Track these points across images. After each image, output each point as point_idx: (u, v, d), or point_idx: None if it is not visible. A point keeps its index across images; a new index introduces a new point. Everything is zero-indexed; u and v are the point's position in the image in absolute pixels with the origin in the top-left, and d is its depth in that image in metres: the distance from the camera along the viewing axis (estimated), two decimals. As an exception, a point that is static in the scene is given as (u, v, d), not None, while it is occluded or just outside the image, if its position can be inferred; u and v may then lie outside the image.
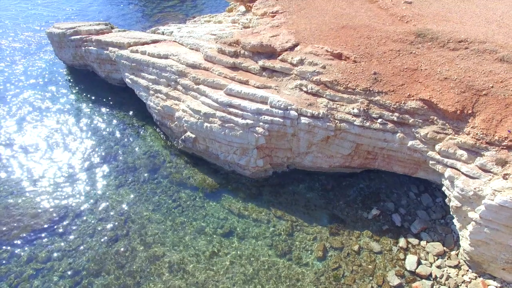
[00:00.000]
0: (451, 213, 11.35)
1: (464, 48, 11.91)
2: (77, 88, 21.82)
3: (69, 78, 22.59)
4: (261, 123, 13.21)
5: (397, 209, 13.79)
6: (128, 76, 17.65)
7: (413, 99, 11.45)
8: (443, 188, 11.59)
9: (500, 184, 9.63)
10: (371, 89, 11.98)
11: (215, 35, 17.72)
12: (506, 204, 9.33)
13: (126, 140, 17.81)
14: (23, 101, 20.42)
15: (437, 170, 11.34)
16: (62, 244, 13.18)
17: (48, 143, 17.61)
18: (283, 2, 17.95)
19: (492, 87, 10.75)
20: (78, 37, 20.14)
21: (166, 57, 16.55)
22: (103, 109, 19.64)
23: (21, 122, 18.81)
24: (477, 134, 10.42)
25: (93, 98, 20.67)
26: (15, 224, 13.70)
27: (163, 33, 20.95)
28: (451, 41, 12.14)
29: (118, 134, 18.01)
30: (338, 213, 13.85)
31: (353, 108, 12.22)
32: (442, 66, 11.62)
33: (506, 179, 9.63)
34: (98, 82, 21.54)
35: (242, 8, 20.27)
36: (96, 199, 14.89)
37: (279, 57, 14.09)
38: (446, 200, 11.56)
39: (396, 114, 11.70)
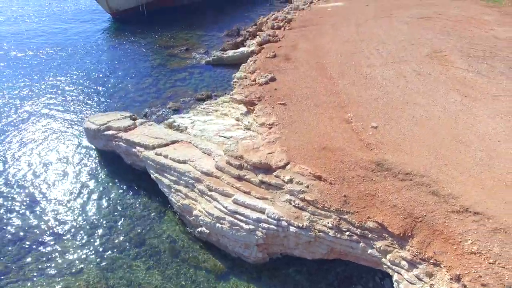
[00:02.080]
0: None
1: (409, 179, 16.54)
2: (105, 170, 26.35)
3: (98, 160, 27.14)
4: (260, 228, 17.80)
5: (365, 291, 18.25)
6: (153, 173, 22.30)
7: (371, 220, 16.05)
8: (394, 285, 16.15)
9: (428, 291, 14.11)
10: (341, 209, 16.60)
11: (223, 137, 22.40)
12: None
13: (151, 224, 22.28)
14: (51, 179, 24.74)
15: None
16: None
17: (75, 225, 21.93)
18: (278, 111, 22.64)
19: (425, 215, 15.39)
20: (110, 133, 24.82)
21: (184, 162, 21.20)
22: (129, 193, 24.03)
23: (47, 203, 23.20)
24: (414, 251, 15.01)
25: (120, 182, 25.13)
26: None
27: (179, 127, 25.57)
28: (400, 173, 16.79)
29: (144, 219, 22.45)
30: (320, 294, 18.31)
31: (328, 223, 16.82)
32: (392, 194, 16.26)
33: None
34: (124, 166, 26.10)
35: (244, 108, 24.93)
36: (128, 280, 19.21)
37: (274, 173, 18.74)
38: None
39: (359, 230, 16.29)
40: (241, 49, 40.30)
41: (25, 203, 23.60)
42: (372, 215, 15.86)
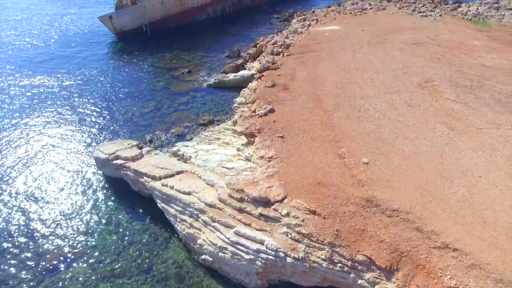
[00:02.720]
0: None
1: (396, 216, 18.18)
2: (114, 196, 27.92)
3: (107, 186, 28.76)
4: (259, 258, 19.41)
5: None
6: (160, 203, 23.95)
7: (361, 254, 17.67)
8: (382, 313, 17.72)
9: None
10: (333, 243, 18.21)
11: (225, 168, 24.08)
12: None
13: (157, 250, 23.83)
14: (61, 204, 26.39)
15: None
16: None
17: (84, 249, 23.48)
18: (277, 144, 24.28)
19: (409, 250, 17.02)
20: (118, 162, 26.46)
21: (189, 193, 22.83)
22: (137, 219, 25.42)
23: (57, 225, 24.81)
24: (399, 284, 16.61)
25: (127, 208, 26.59)
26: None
27: (183, 156, 27.24)
28: (388, 209, 18.43)
29: (151, 245, 23.96)
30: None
31: (321, 255, 18.43)
32: (380, 230, 17.90)
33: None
34: (131, 193, 27.68)
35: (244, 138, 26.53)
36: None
37: (273, 207, 20.38)
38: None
39: (350, 262, 17.88)
40: (242, 72, 42.02)
41: (35, 227, 25.19)
42: (362, 249, 17.48)
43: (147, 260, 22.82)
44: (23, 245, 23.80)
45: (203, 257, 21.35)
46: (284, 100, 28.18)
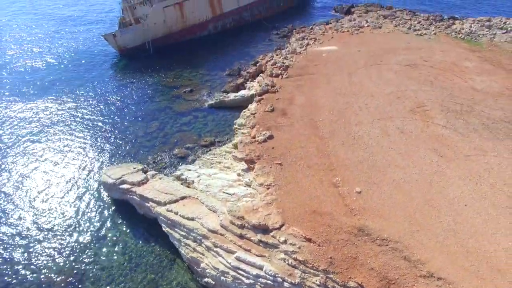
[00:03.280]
0: None
1: (385, 245, 19.63)
2: (120, 218, 29.40)
3: (114, 208, 30.24)
4: (259, 283, 20.85)
5: None
6: (165, 227, 25.41)
7: (352, 281, 19.12)
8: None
9: None
10: (327, 270, 19.64)
11: (226, 193, 25.58)
12: None
13: (162, 271, 25.25)
14: (69, 226, 27.83)
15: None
16: None
17: (92, 270, 24.87)
18: (275, 171, 25.70)
19: (397, 278, 18.46)
20: (124, 187, 27.94)
21: (192, 219, 24.29)
22: (142, 241, 26.83)
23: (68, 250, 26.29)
24: None
25: (133, 230, 28.01)
26: None
27: (186, 180, 28.74)
28: (378, 238, 19.88)
29: (156, 266, 25.34)
30: None
31: (316, 280, 19.87)
32: (371, 258, 19.34)
33: None
34: (137, 215, 29.15)
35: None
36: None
37: (271, 234, 21.82)
38: None
39: (342, 287, 19.39)
40: (242, 92, 43.61)
41: (43, 248, 26.72)
42: (353, 276, 18.94)
43: (152, 282, 24.31)
44: (31, 265, 25.22)
45: (205, 280, 22.78)
46: (282, 126, 29.65)
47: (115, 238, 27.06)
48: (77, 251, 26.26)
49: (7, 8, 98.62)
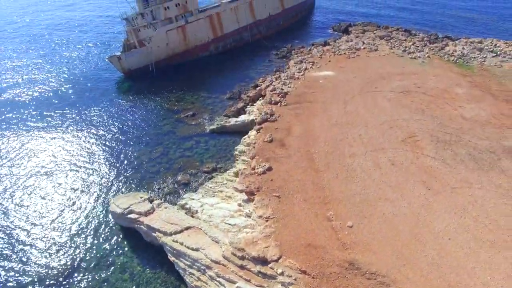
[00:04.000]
0: None
1: (374, 278, 21.47)
2: (128, 245, 31.29)
3: (121, 235, 32.17)
4: None
5: None
6: (170, 256, 27.27)
7: None
8: None
9: None
10: None
11: (228, 224, 27.49)
12: None
13: (168, 298, 27.12)
14: (78, 251, 29.71)
15: None
16: None
17: None
18: (273, 204, 27.56)
19: None
20: (132, 216, 29.85)
21: (197, 249, 26.18)
22: (149, 268, 28.54)
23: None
24: None
25: (140, 257, 29.80)
26: None
27: (190, 209, 30.67)
28: (367, 272, 21.75)
29: (162, 294, 27.30)
30: None
31: None
32: None
33: None
34: (144, 242, 31.08)
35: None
36: None
37: (269, 265, 23.67)
38: None
39: None
40: (242, 117, 45.60)
41: (52, 274, 28.60)
42: (345, 308, 20.79)
43: (159, 309, 25.95)
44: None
45: (209, 307, 24.61)
46: (280, 157, 31.63)
47: (123, 264, 28.85)
48: (87, 276, 28.07)
49: (6, 31, 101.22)
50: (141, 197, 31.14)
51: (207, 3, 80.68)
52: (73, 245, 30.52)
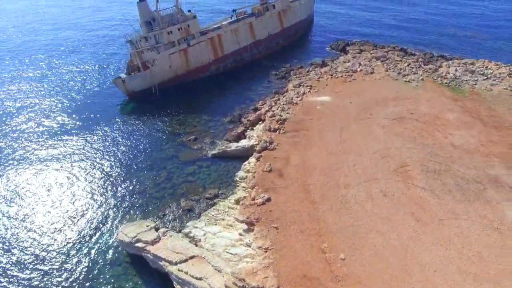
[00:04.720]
0: None
1: None
2: (135, 271, 33.27)
3: (129, 261, 34.18)
4: None
5: None
6: (176, 284, 29.27)
7: None
8: None
9: None
10: None
11: (229, 253, 29.53)
12: None
13: (173, 324, 29.04)
14: (88, 278, 31.62)
15: None
16: None
17: None
18: (272, 235, 29.53)
19: None
20: (139, 245, 31.86)
21: (200, 279, 28.19)
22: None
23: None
24: None
25: (147, 283, 31.91)
26: None
27: (194, 238, 32.72)
28: None
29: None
30: None
31: None
32: None
33: None
34: (150, 269, 33.02)
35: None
36: None
37: (268, 296, 25.69)
38: None
39: None
40: (242, 142, 47.74)
41: None
42: None
43: (165, 335, 27.87)
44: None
45: (212, 334, 26.56)
46: (279, 187, 33.70)
47: (131, 290, 30.77)
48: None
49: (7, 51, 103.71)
50: (147, 225, 33.14)
51: (208, 22, 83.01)
52: (83, 271, 32.51)
